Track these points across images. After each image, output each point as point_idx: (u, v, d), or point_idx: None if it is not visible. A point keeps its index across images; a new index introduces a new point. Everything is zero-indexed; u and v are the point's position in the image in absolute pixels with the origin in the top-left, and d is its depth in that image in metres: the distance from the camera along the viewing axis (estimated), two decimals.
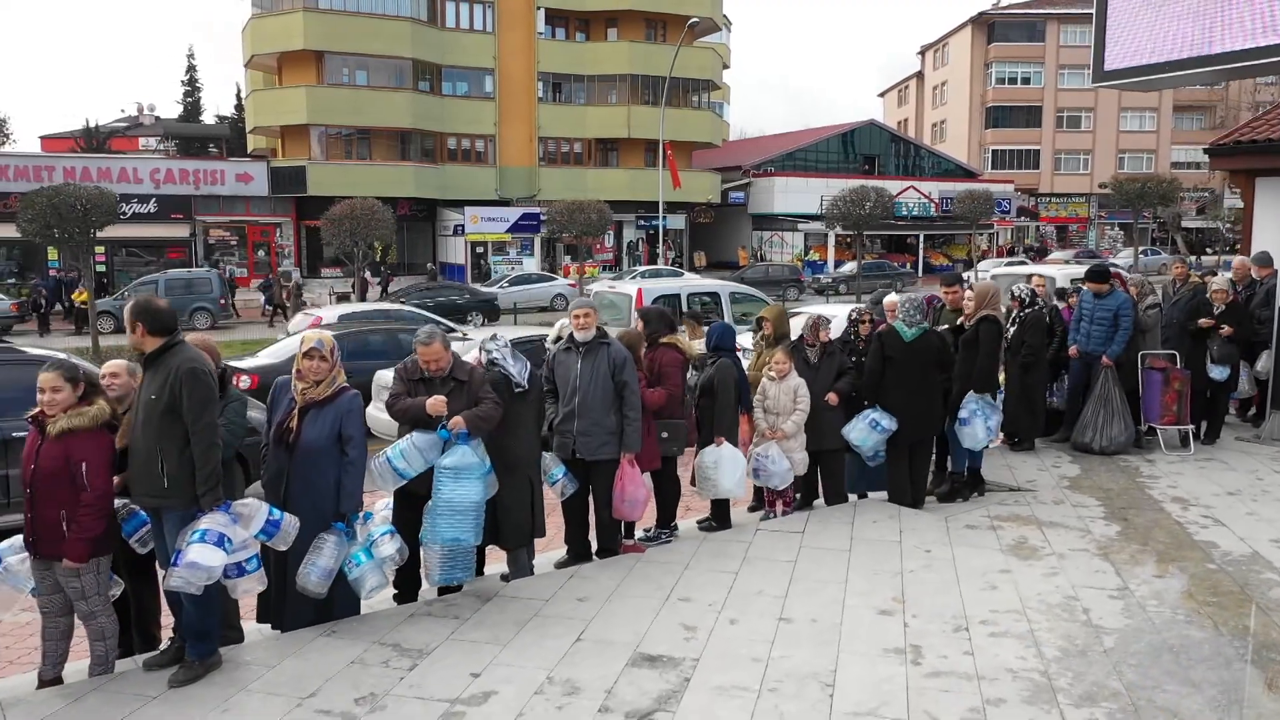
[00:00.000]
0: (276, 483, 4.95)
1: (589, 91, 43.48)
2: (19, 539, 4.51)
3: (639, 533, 6.65)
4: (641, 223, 43.95)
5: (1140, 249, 43.93)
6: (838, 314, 14.11)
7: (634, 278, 34.59)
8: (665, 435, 6.35)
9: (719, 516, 6.92)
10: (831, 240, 43.92)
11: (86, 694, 4.24)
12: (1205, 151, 12.36)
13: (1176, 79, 9.68)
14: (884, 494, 7.32)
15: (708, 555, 6.02)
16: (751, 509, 7.49)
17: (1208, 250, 46.77)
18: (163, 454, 4.26)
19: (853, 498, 7.43)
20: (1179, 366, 8.84)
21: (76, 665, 4.58)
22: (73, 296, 28.97)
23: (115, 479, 4.45)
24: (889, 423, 6.74)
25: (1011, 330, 8.28)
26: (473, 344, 9.32)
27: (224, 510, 4.35)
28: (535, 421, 5.84)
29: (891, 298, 7.69)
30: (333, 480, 4.92)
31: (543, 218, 39.48)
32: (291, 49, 37.95)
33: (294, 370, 5.02)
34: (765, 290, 21.84)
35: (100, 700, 4.18)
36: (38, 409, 4.34)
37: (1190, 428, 8.88)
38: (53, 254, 34.60)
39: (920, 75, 68.53)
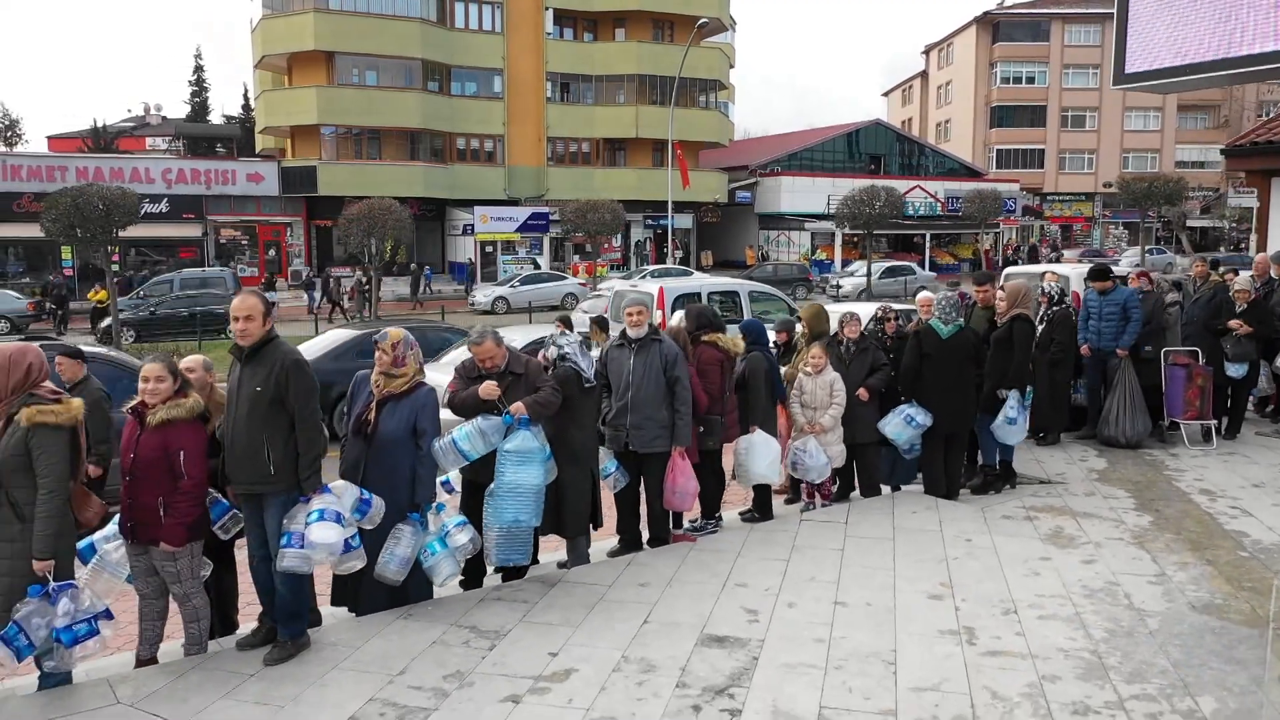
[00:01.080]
0: (354, 472, 5.15)
1: (597, 91, 43.73)
2: (113, 528, 4.73)
3: (684, 524, 6.87)
4: (649, 222, 44.16)
5: (1146, 248, 44.09)
6: (858, 312, 14.36)
7: (644, 277, 34.88)
8: (701, 430, 6.56)
9: (760, 507, 7.14)
10: (839, 239, 44.11)
11: (187, 671, 4.46)
12: (1222, 152, 12.58)
13: (1197, 81, 9.89)
14: (915, 487, 7.54)
15: (757, 544, 6.24)
16: (788, 501, 7.71)
17: (1221, 249, 46.92)
18: (268, 442, 4.49)
19: (886, 490, 7.65)
20: (1201, 363, 9.06)
21: (165, 646, 4.79)
22: (89, 296, 29.21)
23: None
24: (924, 418, 6.96)
25: (1041, 327, 8.50)
26: None
27: (326, 492, 4.57)
28: (596, 415, 6.07)
29: (925, 295, 7.90)
30: (407, 470, 5.14)
31: (553, 217, 39.79)
32: (302, 49, 38.21)
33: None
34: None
35: (201, 677, 4.40)
36: (137, 399, 4.56)
37: (1213, 423, 9.10)
38: (67, 253, 34.89)
39: (925, 75, 68.73)
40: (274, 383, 4.53)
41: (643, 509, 6.44)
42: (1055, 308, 8.97)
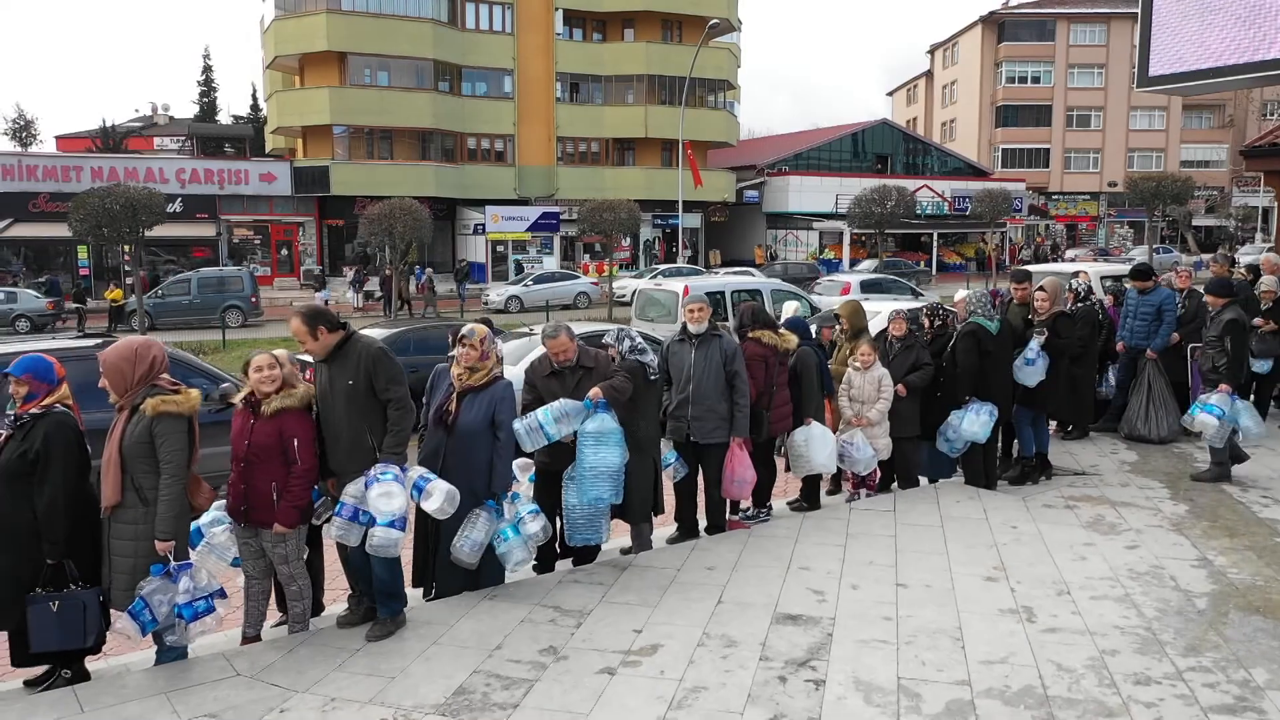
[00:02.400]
0: (433, 460, 5.40)
1: (606, 92, 43.99)
2: (217, 513, 4.99)
3: (736, 512, 7.13)
4: (658, 222, 44.42)
5: (1153, 247, 44.32)
6: (880, 310, 14.63)
7: (655, 276, 35.15)
8: None
9: (809, 497, 7.41)
10: (846, 239, 44.39)
11: (296, 647, 4.73)
12: (1241, 153, 12.84)
13: (1222, 84, 10.16)
14: (946, 479, 7.81)
15: (812, 531, 6.51)
16: (830, 493, 7.98)
17: (1237, 246, 47.10)
18: (370, 430, 4.76)
19: (923, 482, 7.92)
20: None
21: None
22: (104, 295, 29.51)
23: None
24: (994, 414, 7.21)
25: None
26: None
27: (393, 477, 4.81)
28: (659, 407, 6.34)
29: (960, 294, 8.16)
30: (485, 460, 5.39)
31: (562, 216, 40.06)
32: (315, 50, 38.47)
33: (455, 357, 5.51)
34: None
35: (310, 652, 4.67)
36: (247, 390, 4.82)
37: None
38: (83, 253, 35.19)
39: (929, 74, 68.97)
40: (363, 374, 4.80)
41: (699, 498, 6.70)
42: (1080, 304, 9.22)
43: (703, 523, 6.74)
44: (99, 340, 9.17)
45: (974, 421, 7.15)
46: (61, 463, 4.36)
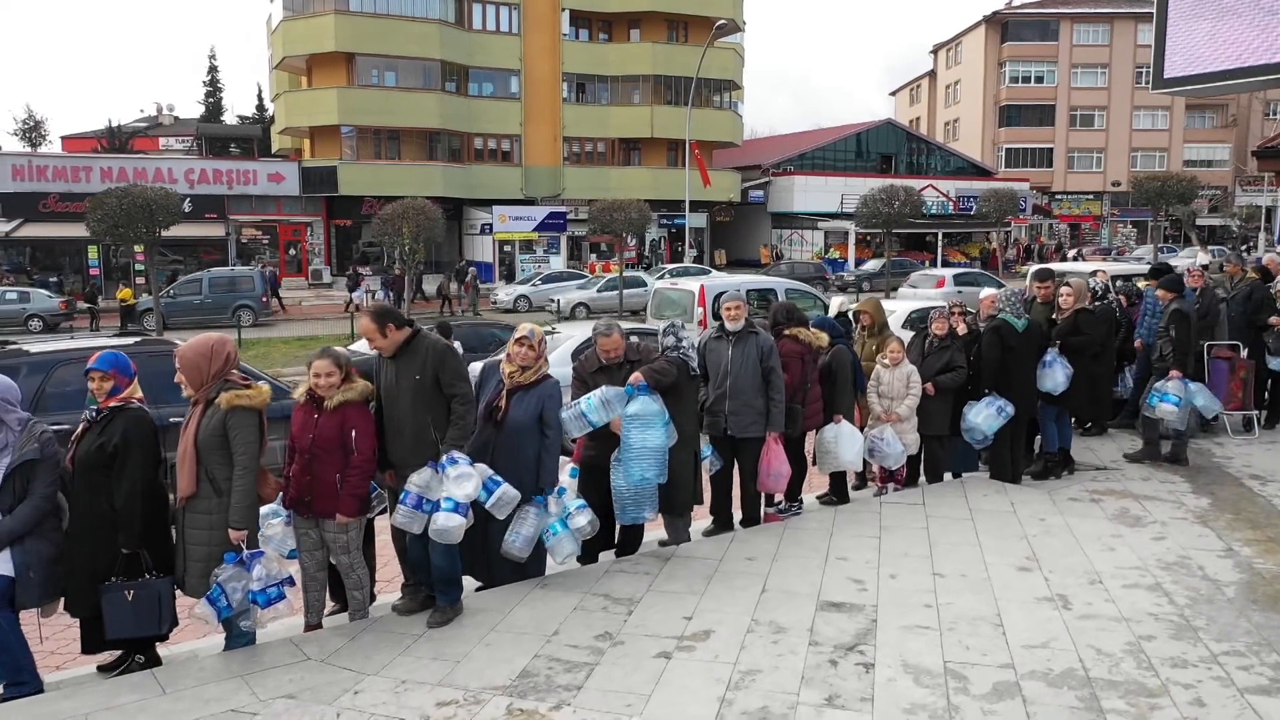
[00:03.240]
0: (482, 454, 5.55)
1: (612, 92, 44.17)
2: (273, 506, 5.15)
3: (769, 506, 7.30)
4: (663, 221, 44.58)
5: (1158, 246, 44.48)
6: (896, 309, 14.81)
7: (661, 276, 35.30)
8: None
9: (838, 491, 7.58)
10: (852, 238, 44.55)
11: (359, 634, 4.90)
12: (1254, 154, 12.99)
13: (1237, 86, 10.32)
14: (969, 474, 7.98)
15: (846, 524, 6.68)
16: (855, 488, 8.14)
17: (1241, 245, 47.26)
18: (434, 423, 4.93)
19: (947, 476, 8.08)
20: (1242, 356, 9.48)
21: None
22: (117, 295, 29.70)
23: None
24: (1011, 408, 7.38)
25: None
26: None
27: (460, 464, 4.97)
28: (697, 402, 6.51)
29: (988, 292, 8.32)
30: (533, 456, 5.54)
31: (570, 216, 40.24)
32: (323, 51, 38.65)
33: (505, 354, 5.68)
34: None
35: (374, 638, 4.85)
36: (305, 387, 4.99)
37: (1254, 413, 9.53)
38: (93, 253, 35.35)
39: (933, 74, 69.14)
40: (429, 370, 4.98)
41: (734, 491, 6.87)
42: (1097, 303, 9.38)
43: (737, 515, 6.91)
44: (137, 339, 9.35)
45: (981, 414, 7.33)
46: (140, 456, 4.53)
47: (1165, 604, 5.21)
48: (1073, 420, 9.29)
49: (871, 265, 40.55)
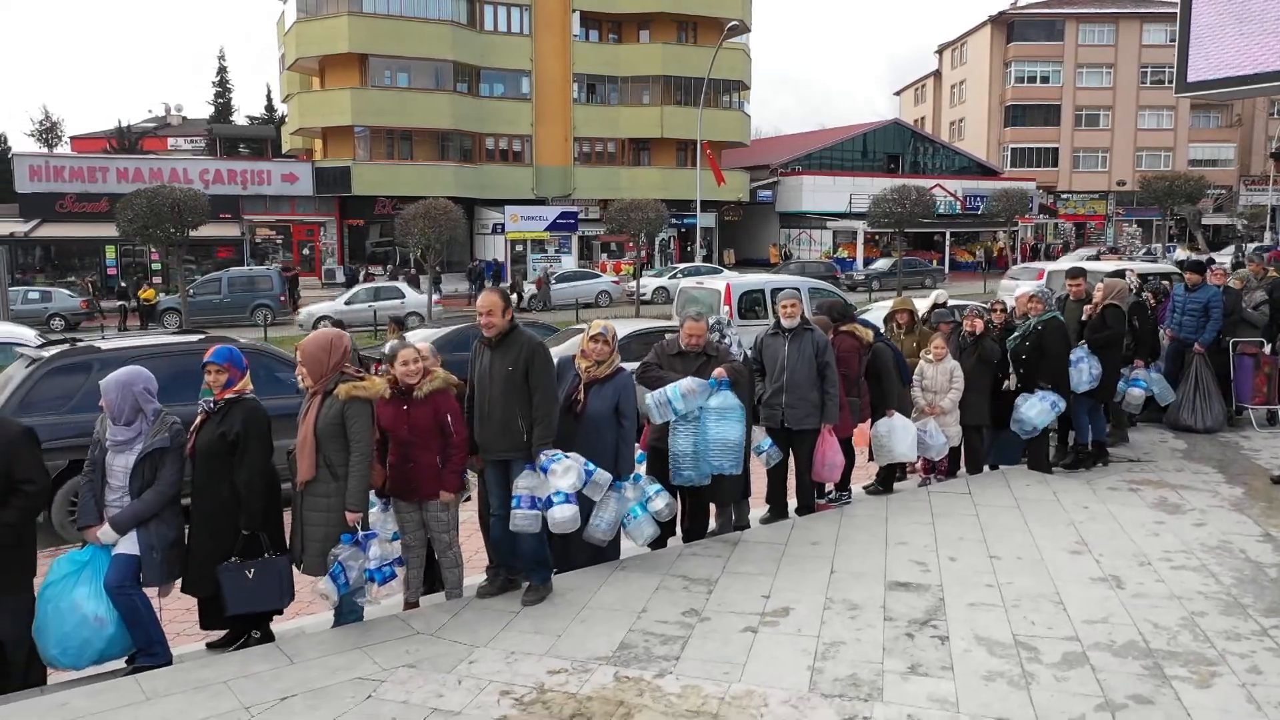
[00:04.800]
0: (562, 446, 5.88)
1: (622, 92, 44.52)
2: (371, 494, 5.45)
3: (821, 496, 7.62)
4: (673, 221, 44.87)
5: (1164, 246, 44.80)
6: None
7: (673, 275, 35.64)
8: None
9: (884, 482, 7.89)
10: (860, 237, 44.88)
11: (460, 610, 5.22)
12: (1272, 156, 13.28)
13: (1261, 90, 10.61)
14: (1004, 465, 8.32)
15: (898, 512, 7.00)
16: (897, 479, 8.45)
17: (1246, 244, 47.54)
18: (520, 414, 5.24)
19: (985, 468, 8.40)
20: (1267, 352, 9.81)
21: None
22: (140, 294, 30.01)
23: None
24: (1063, 403, 7.69)
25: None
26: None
27: (561, 459, 5.30)
28: (752, 396, 6.83)
29: (1023, 289, 8.64)
30: (611, 445, 5.86)
31: (580, 215, 40.56)
32: (336, 52, 38.99)
33: (580, 350, 5.99)
34: None
35: (474, 615, 5.17)
36: (388, 380, 5.29)
37: (1278, 407, 9.84)
38: (110, 253, 35.69)
39: (938, 74, 69.44)
40: (521, 363, 5.29)
41: (790, 481, 7.18)
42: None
43: (792, 504, 7.23)
44: (200, 337, 9.67)
45: (1035, 407, 7.65)
46: (259, 443, 4.85)
47: (1213, 583, 5.52)
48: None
49: (880, 264, 40.88)
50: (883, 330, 8.87)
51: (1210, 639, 4.76)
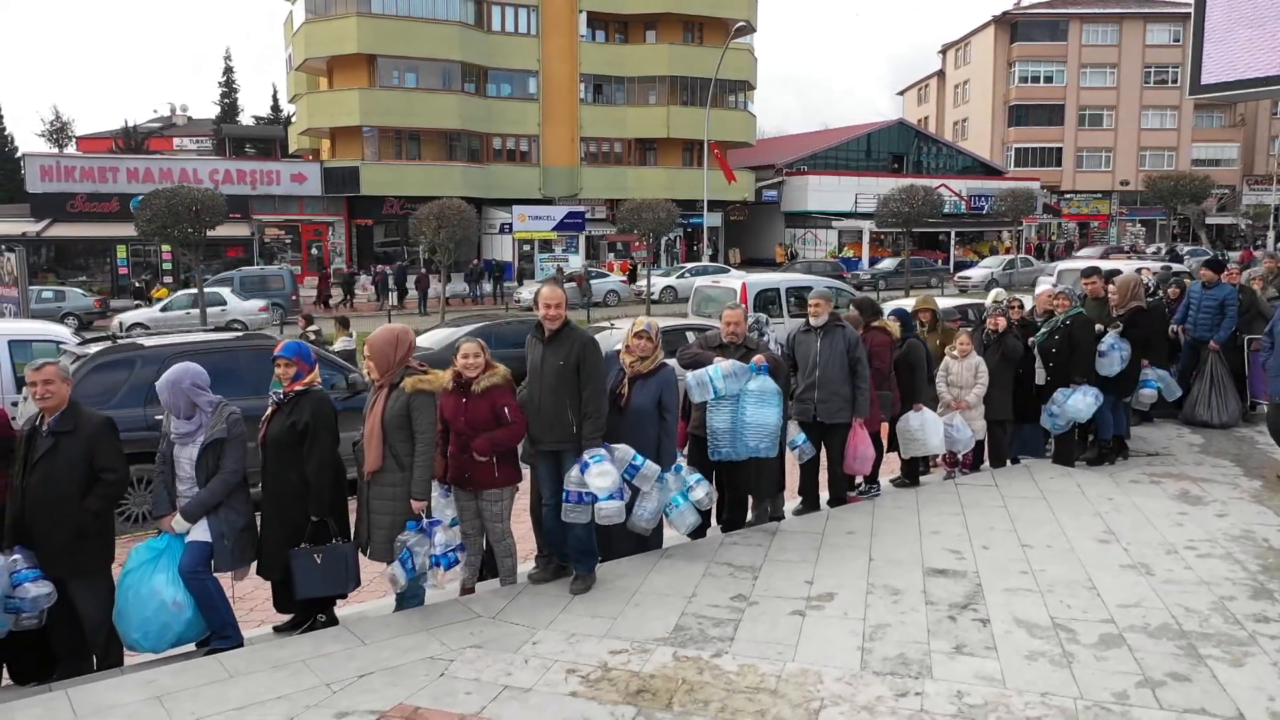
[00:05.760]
0: (608, 439, 6.08)
1: (629, 92, 44.72)
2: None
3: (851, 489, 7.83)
4: (679, 221, 45.07)
5: (1170, 245, 44.98)
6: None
7: (680, 275, 35.86)
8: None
9: (910, 475, 8.10)
10: (866, 237, 45.10)
11: (517, 595, 5.43)
12: None
13: (1276, 92, 10.80)
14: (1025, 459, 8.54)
15: (929, 503, 7.21)
16: (921, 473, 8.66)
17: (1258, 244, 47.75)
18: (570, 407, 5.44)
19: (1007, 462, 8.61)
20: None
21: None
22: (153, 294, 30.27)
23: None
24: (1102, 397, 7.90)
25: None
26: None
27: (606, 457, 5.50)
28: (786, 390, 7.04)
29: (1045, 288, 8.85)
30: (654, 437, 6.05)
31: (587, 215, 40.77)
32: (344, 52, 39.18)
33: (624, 345, 6.19)
34: None
35: (530, 599, 5.37)
36: (452, 373, 5.49)
37: None
38: (121, 252, 35.89)
39: (941, 74, 69.62)
40: (574, 358, 5.49)
41: (822, 474, 7.39)
42: (1149, 299, 9.90)
43: (824, 496, 7.43)
44: (239, 334, 9.89)
45: (1081, 400, 7.84)
46: (328, 434, 5.06)
47: (1239, 570, 5.73)
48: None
49: (887, 264, 41.08)
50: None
51: (1240, 621, 4.97)
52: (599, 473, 5.34)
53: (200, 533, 5.01)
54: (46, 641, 4.92)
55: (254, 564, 5.19)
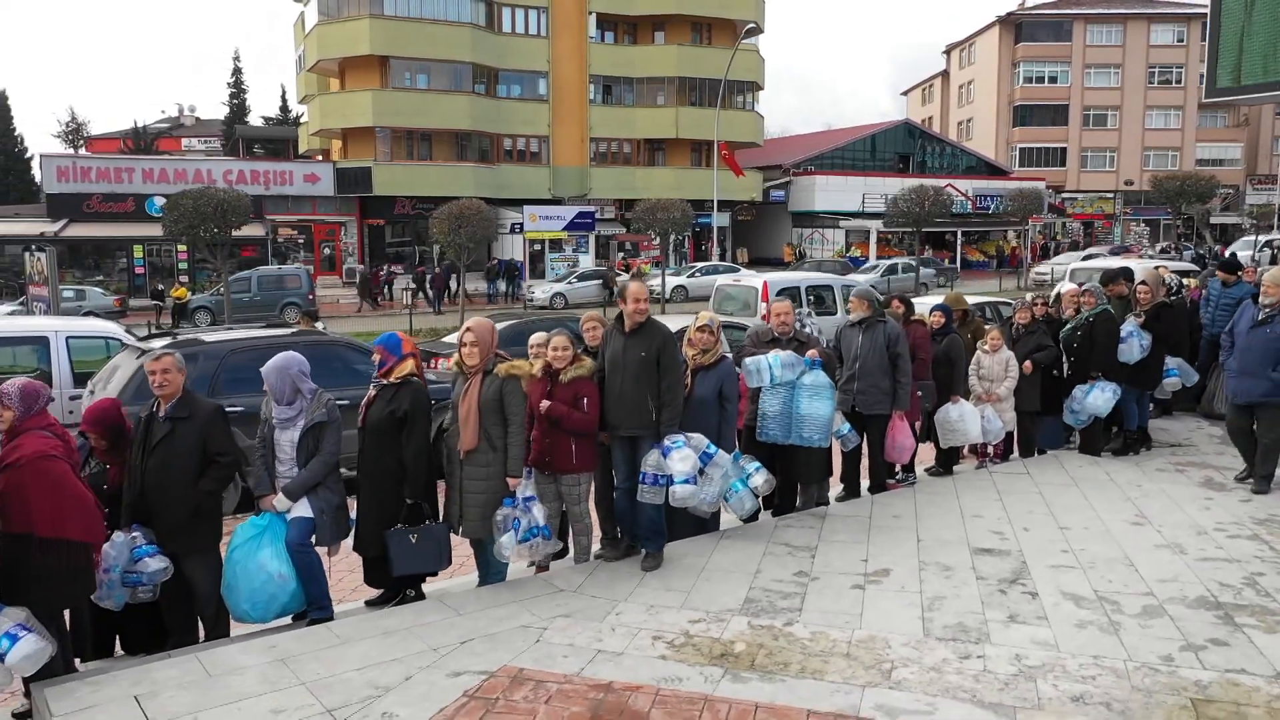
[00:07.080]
0: None
1: (638, 93, 45.11)
2: None
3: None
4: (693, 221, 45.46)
5: (1176, 244, 45.34)
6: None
7: (690, 274, 36.22)
8: (919, 394, 7.90)
9: (945, 464, 8.47)
10: (874, 236, 45.47)
11: (594, 571, 5.81)
12: None
13: None
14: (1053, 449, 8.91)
15: (966, 489, 7.58)
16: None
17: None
18: (650, 396, 5.81)
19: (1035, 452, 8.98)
20: None
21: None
22: (172, 293, 30.61)
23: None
24: (1120, 392, 8.27)
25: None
26: None
27: (682, 444, 5.86)
28: (832, 381, 7.41)
29: (1071, 286, 9.22)
30: (715, 426, 6.41)
31: (596, 215, 41.13)
32: (357, 54, 39.56)
33: (685, 339, 6.56)
34: None
35: (607, 575, 5.75)
36: (543, 360, 5.87)
37: None
38: (138, 252, 36.28)
39: (945, 74, 69.99)
40: (655, 350, 5.86)
41: (863, 463, 7.76)
42: (1174, 296, 10.27)
43: (864, 483, 7.80)
44: (294, 329, 10.26)
45: (1099, 397, 8.21)
46: (425, 421, 5.43)
47: (1267, 550, 6.10)
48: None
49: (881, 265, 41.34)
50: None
51: (1271, 594, 5.34)
52: (680, 457, 5.71)
53: (303, 509, 5.37)
54: (158, 615, 5.30)
55: (345, 539, 5.54)
